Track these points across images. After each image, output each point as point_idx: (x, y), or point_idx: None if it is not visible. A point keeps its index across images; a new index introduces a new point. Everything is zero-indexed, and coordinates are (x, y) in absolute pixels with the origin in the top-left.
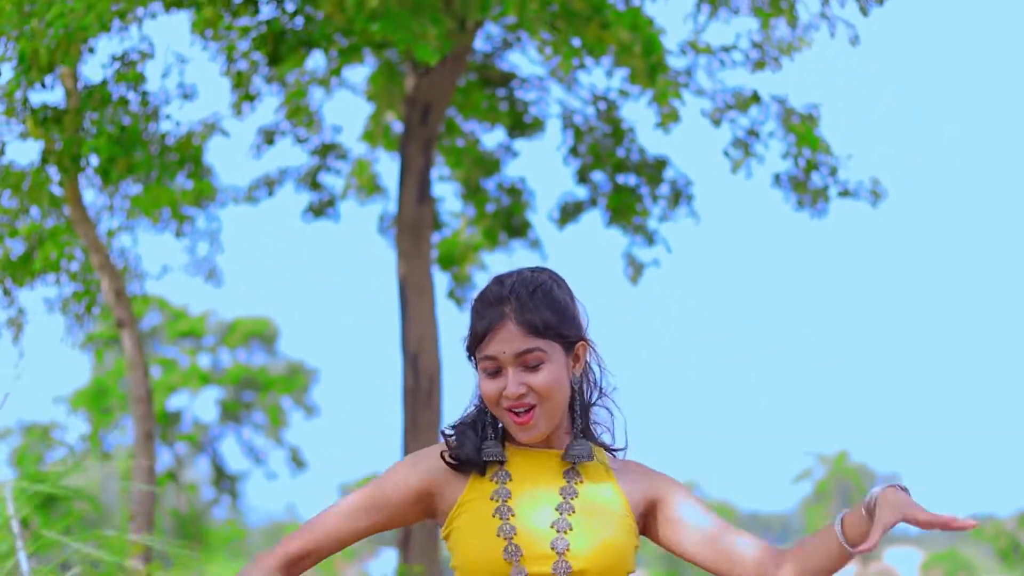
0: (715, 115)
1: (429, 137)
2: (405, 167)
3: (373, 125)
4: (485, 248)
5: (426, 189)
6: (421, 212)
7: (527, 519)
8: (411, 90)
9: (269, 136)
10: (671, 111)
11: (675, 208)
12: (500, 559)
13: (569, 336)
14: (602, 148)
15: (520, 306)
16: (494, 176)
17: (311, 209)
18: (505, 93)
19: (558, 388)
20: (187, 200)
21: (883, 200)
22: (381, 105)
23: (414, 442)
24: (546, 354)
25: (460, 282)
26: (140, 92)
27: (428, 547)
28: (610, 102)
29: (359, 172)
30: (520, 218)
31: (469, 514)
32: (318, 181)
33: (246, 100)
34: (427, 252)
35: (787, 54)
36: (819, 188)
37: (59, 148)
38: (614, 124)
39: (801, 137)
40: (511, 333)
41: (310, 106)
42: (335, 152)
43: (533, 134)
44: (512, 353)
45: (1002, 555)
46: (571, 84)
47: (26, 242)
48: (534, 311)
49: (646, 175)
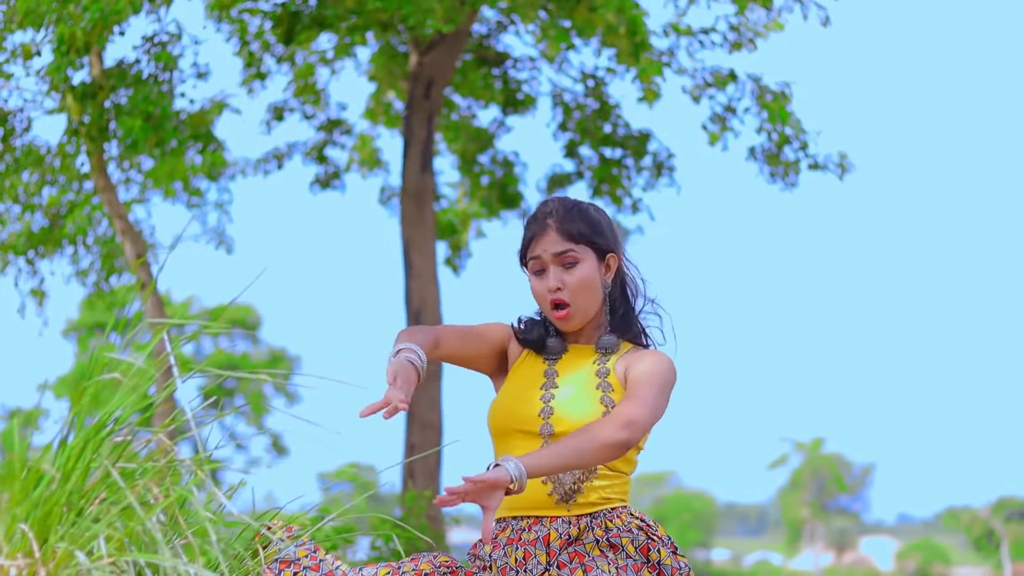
0: (694, 92)
1: (431, 111)
2: (409, 139)
3: (375, 103)
4: (480, 218)
5: (428, 159)
6: (424, 180)
7: (564, 392)
8: (414, 67)
9: (278, 112)
10: (654, 88)
11: (658, 179)
12: (536, 415)
13: (600, 244)
14: (589, 124)
15: (560, 218)
16: (488, 150)
17: (318, 181)
18: (499, 72)
19: (589, 287)
20: (196, 172)
21: (850, 173)
22: (383, 84)
23: (416, 405)
24: (580, 256)
25: (456, 251)
26: (170, 71)
27: (432, 475)
28: (598, 80)
29: (361, 147)
30: (513, 189)
31: (520, 377)
32: (324, 155)
33: (257, 79)
34: (430, 218)
35: (762, 36)
36: (790, 161)
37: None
38: (601, 100)
39: (774, 113)
40: (552, 238)
41: (317, 84)
42: (340, 128)
43: (525, 111)
44: (552, 253)
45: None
46: (561, 64)
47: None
48: (571, 222)
49: (631, 148)
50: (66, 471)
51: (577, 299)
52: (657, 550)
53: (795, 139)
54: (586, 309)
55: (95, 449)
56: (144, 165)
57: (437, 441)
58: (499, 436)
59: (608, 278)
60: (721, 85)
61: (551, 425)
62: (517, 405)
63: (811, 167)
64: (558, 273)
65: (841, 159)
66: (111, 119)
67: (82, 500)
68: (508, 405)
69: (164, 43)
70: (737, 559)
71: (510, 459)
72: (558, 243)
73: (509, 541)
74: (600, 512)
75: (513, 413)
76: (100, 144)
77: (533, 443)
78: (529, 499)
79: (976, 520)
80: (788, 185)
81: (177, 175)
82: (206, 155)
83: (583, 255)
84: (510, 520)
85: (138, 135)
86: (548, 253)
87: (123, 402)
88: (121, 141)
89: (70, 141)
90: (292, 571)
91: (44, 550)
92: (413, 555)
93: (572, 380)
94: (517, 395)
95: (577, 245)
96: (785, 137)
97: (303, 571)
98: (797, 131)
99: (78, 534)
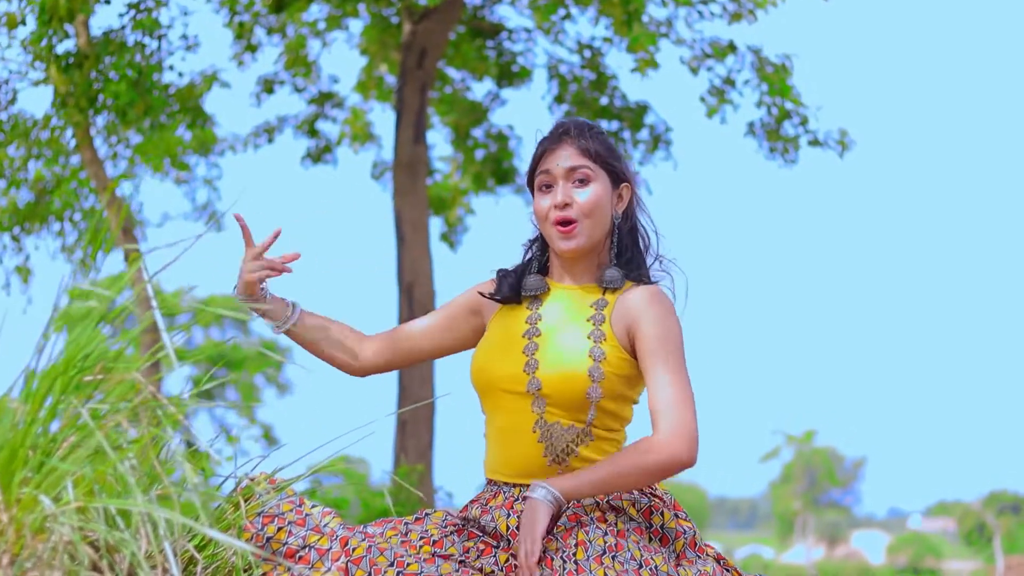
0: (693, 64)
1: (424, 81)
2: (402, 109)
3: (366, 77)
4: (474, 192)
5: (421, 130)
6: (416, 151)
7: (551, 342)
8: (407, 36)
9: (269, 85)
10: (648, 58)
11: (654, 152)
12: (520, 372)
13: (616, 169)
14: (586, 96)
15: (578, 134)
16: (483, 124)
17: (309, 155)
18: (494, 44)
19: (598, 210)
20: (187, 148)
21: (850, 151)
22: (375, 58)
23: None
24: (593, 174)
25: (452, 226)
26: (157, 37)
27: (424, 450)
28: (594, 50)
29: (353, 121)
30: (507, 164)
31: (500, 326)
32: (316, 128)
33: (248, 51)
34: (423, 190)
35: (762, 7)
36: (790, 137)
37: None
38: (598, 71)
39: (774, 86)
40: (567, 152)
41: (308, 57)
42: (332, 101)
43: (520, 83)
44: (565, 167)
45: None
46: (557, 34)
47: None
48: (589, 140)
49: (627, 121)
50: (32, 409)
51: (585, 219)
52: (660, 512)
53: (795, 114)
54: (591, 233)
55: (64, 388)
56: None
57: (429, 417)
58: (484, 394)
59: (619, 208)
60: (720, 56)
61: (538, 381)
62: (498, 360)
63: (811, 143)
64: (567, 189)
65: (842, 136)
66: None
67: (50, 443)
68: (488, 360)
69: (149, 9)
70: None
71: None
72: (572, 157)
73: (499, 507)
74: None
75: (495, 370)
76: (86, 115)
77: (521, 402)
78: (521, 463)
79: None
80: (788, 162)
81: (165, 150)
82: (195, 130)
83: (597, 175)
84: (502, 485)
85: (123, 100)
86: (560, 168)
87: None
88: (109, 110)
89: (57, 113)
90: (276, 526)
91: (7, 495)
92: (418, 514)
93: (558, 326)
94: (497, 347)
95: (592, 163)
96: (785, 112)
97: (288, 526)
98: (797, 104)
99: (43, 478)
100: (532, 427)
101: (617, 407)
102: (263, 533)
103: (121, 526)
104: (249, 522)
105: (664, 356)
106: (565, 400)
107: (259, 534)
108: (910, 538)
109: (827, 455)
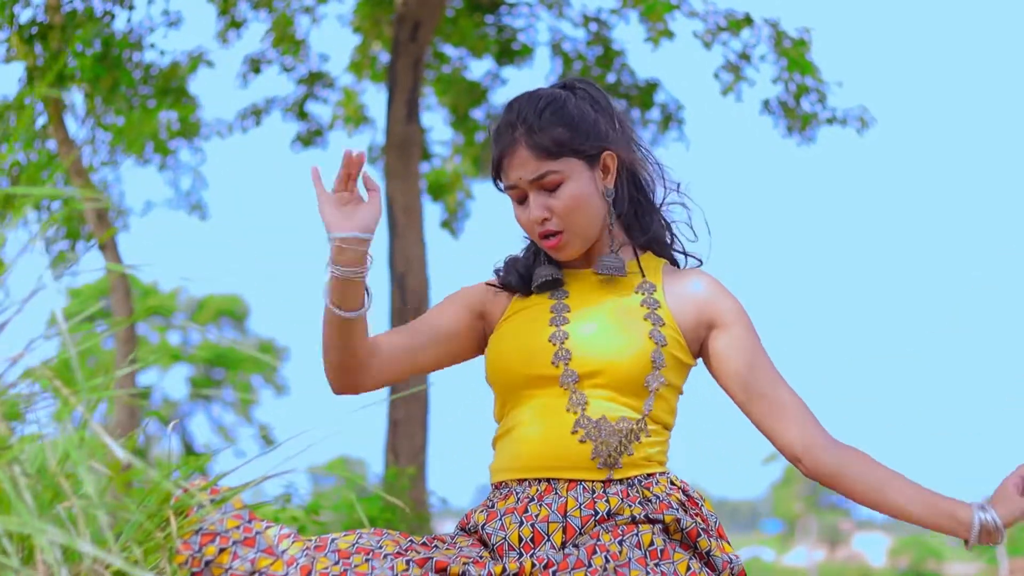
0: (706, 37)
1: (418, 55)
2: (394, 85)
3: (360, 56)
4: (473, 177)
5: (414, 108)
6: (409, 131)
7: (580, 329)
8: (400, 7)
9: (255, 64)
10: (663, 28)
11: (665, 132)
12: (548, 363)
13: (586, 150)
14: (592, 74)
15: (528, 128)
16: (482, 105)
17: (299, 139)
18: (493, 20)
19: (582, 207)
20: (172, 135)
21: (870, 128)
22: (368, 36)
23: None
24: (563, 174)
25: (452, 212)
26: (127, 7)
27: (418, 451)
28: (601, 22)
29: (346, 103)
30: None
31: (519, 321)
32: (305, 110)
33: (232, 27)
34: (416, 172)
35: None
36: (808, 114)
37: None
38: (605, 46)
39: (792, 61)
40: (523, 158)
41: (297, 34)
42: (322, 81)
43: (522, 61)
44: (528, 179)
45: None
46: (561, 8)
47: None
48: (543, 131)
49: (636, 99)
50: None
51: (571, 223)
52: (707, 536)
53: (814, 91)
54: (585, 230)
55: None
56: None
57: (423, 416)
58: (507, 392)
59: (609, 182)
60: (735, 30)
61: (573, 372)
62: (521, 348)
63: (829, 121)
64: (541, 199)
65: (862, 112)
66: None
67: None
68: (510, 355)
69: None
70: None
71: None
72: (532, 163)
73: (509, 511)
74: (636, 478)
75: (518, 366)
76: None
77: (556, 396)
78: (556, 455)
79: None
80: (805, 139)
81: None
82: (178, 109)
83: (568, 170)
84: (514, 486)
85: (88, 74)
86: (524, 180)
87: None
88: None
89: (27, 92)
90: (218, 546)
91: None
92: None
93: (595, 312)
94: (519, 336)
95: (556, 161)
96: (804, 87)
97: (232, 546)
98: (817, 81)
99: None
100: (572, 427)
101: (674, 398)
102: (201, 556)
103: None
104: (184, 542)
105: (765, 361)
106: (621, 386)
107: (196, 557)
108: (911, 541)
109: None
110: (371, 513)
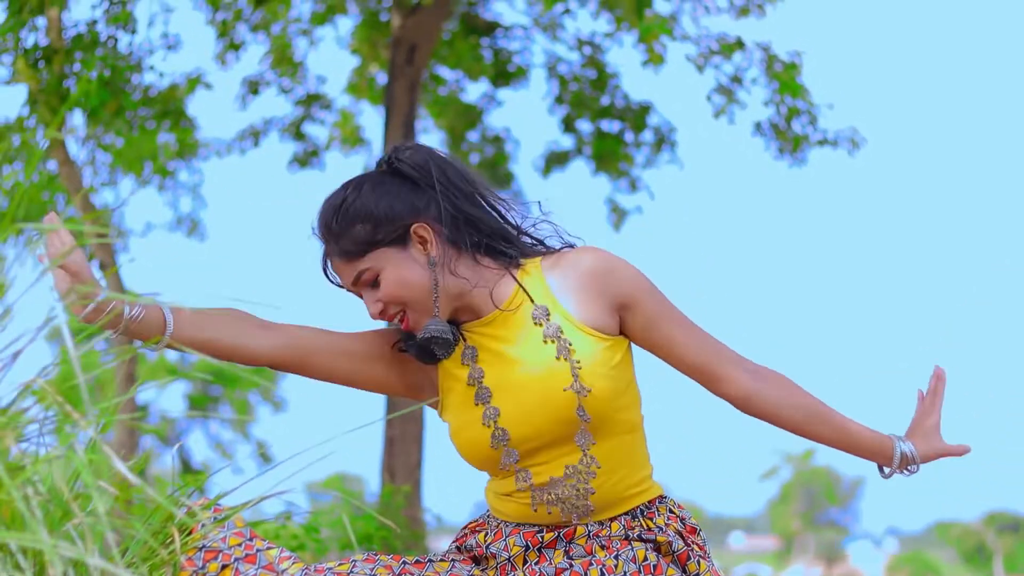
0: (699, 61)
1: (415, 77)
2: (391, 108)
3: (357, 78)
4: None
5: (411, 129)
6: None
7: (506, 401)
8: (397, 30)
9: (254, 86)
10: (657, 53)
11: (658, 154)
12: (488, 448)
13: (388, 236)
14: (586, 96)
15: (331, 237)
16: (478, 127)
17: (296, 160)
18: (489, 42)
19: (407, 287)
20: (169, 156)
21: (861, 149)
22: (366, 58)
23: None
24: (375, 267)
25: None
26: (130, 31)
27: (413, 469)
28: (595, 46)
29: (343, 124)
30: (504, 168)
31: (452, 404)
32: (302, 131)
33: (231, 49)
34: None
35: (771, 1)
36: (799, 136)
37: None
38: (599, 69)
39: (784, 84)
40: (338, 266)
41: (294, 56)
42: (320, 102)
43: (517, 83)
44: (349, 283)
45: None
46: (555, 31)
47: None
48: (343, 236)
49: (630, 121)
50: None
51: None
52: (697, 560)
53: (805, 113)
54: (424, 304)
55: None
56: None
57: (418, 434)
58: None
59: (432, 249)
60: (727, 53)
61: (513, 452)
62: (465, 444)
63: (820, 143)
64: (370, 295)
65: (852, 134)
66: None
67: None
68: (460, 445)
69: (124, 1)
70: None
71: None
72: (346, 269)
73: (514, 532)
74: (637, 509)
75: (470, 455)
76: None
77: (504, 477)
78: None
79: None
80: (797, 161)
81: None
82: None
83: (379, 262)
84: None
85: (93, 99)
86: (348, 285)
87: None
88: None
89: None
90: (220, 563)
91: None
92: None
93: (512, 374)
94: (461, 430)
95: (364, 258)
96: (795, 110)
97: (234, 563)
98: (808, 103)
99: None
100: (532, 504)
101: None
102: (204, 572)
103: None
104: (188, 558)
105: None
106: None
107: (199, 572)
108: (909, 557)
109: (826, 474)
110: (367, 530)
